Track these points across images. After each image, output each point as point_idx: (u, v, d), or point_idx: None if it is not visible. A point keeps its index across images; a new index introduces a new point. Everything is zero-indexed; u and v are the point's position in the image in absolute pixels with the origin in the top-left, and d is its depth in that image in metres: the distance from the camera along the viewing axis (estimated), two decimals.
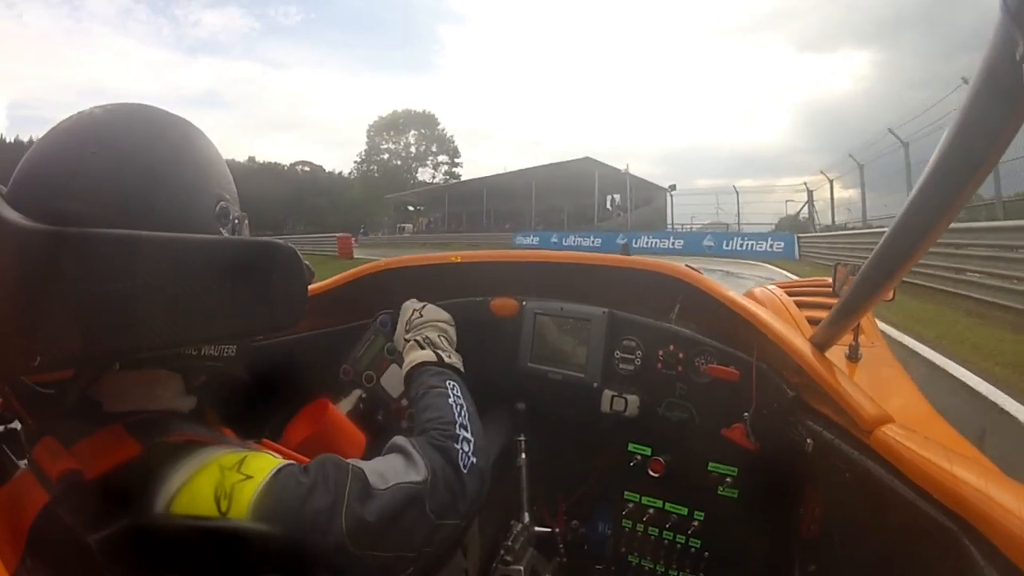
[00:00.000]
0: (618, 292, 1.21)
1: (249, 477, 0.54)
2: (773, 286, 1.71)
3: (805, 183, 23.48)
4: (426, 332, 1.02)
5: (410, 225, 45.07)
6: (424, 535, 0.61)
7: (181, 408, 0.62)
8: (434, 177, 57.45)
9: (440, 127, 59.15)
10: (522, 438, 1.20)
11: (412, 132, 58.62)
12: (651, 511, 1.18)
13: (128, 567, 0.49)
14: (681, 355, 1.11)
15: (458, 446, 0.72)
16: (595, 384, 1.15)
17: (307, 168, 62.02)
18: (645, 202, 30.53)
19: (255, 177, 53.22)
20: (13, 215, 0.50)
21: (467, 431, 0.75)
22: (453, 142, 59.15)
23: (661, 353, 1.13)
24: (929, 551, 0.56)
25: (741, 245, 20.36)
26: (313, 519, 0.54)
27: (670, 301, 1.18)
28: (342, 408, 1.10)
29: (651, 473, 1.14)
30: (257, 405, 0.94)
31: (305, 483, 0.56)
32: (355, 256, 20.92)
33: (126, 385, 0.58)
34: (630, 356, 1.15)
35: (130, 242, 0.49)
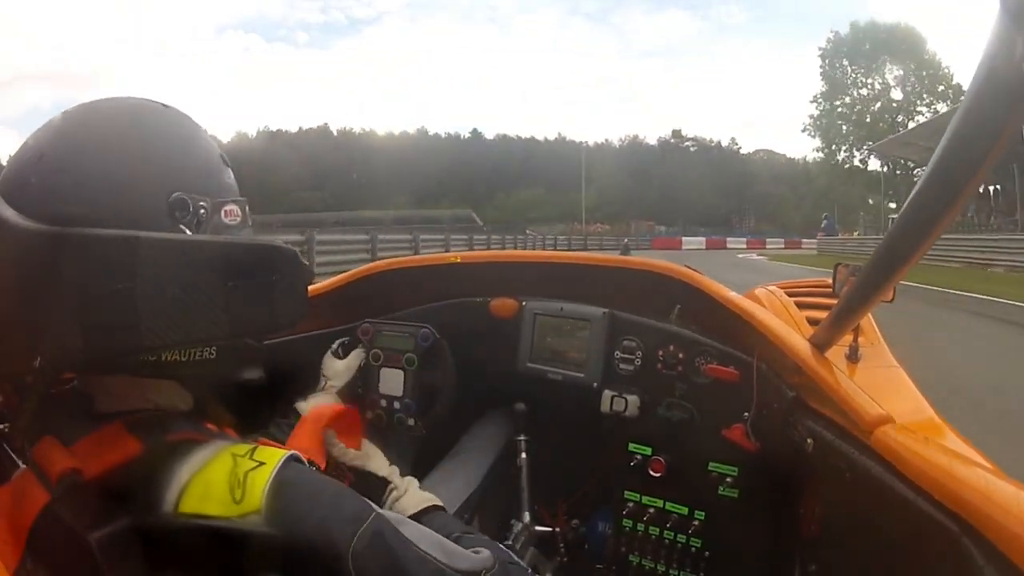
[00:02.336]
0: (618, 292, 1.21)
1: (261, 464, 0.53)
2: (773, 286, 1.71)
3: None
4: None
5: None
6: None
7: (180, 406, 0.62)
8: None
9: (928, 49, 32.11)
10: (522, 438, 1.20)
11: (888, 63, 33.03)
12: (651, 511, 1.18)
13: (131, 565, 0.49)
14: (681, 355, 1.11)
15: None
16: (595, 384, 1.15)
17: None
18: None
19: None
20: (12, 215, 0.50)
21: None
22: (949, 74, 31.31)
23: (661, 353, 1.13)
24: (929, 551, 0.56)
25: None
26: (321, 520, 0.53)
27: (670, 301, 1.18)
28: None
29: (651, 473, 1.14)
30: (256, 405, 0.94)
31: (323, 484, 0.56)
32: None
33: (123, 384, 0.58)
34: (630, 356, 1.15)
35: (130, 242, 0.49)
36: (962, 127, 0.43)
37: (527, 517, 1.12)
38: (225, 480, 0.52)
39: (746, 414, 1.01)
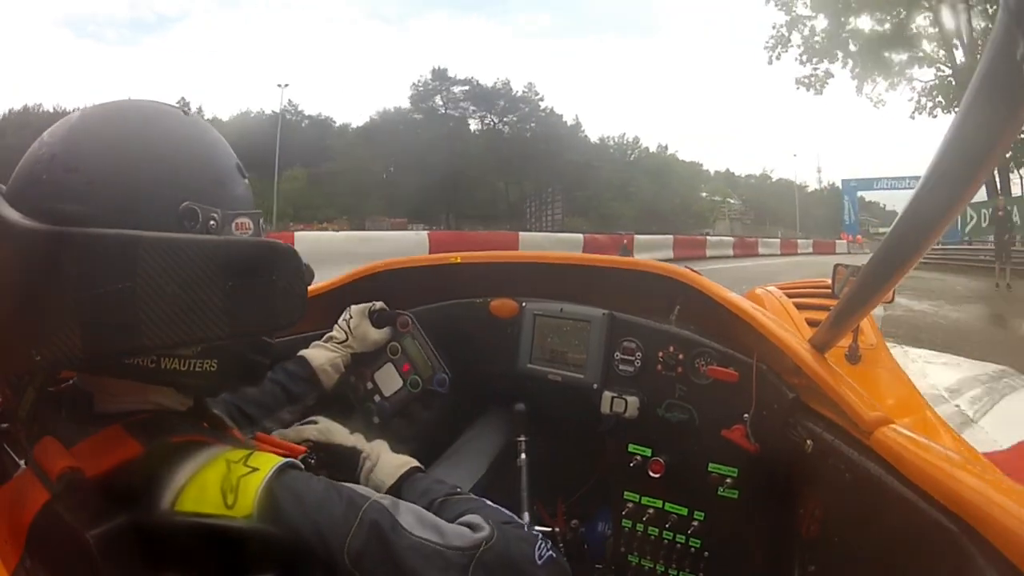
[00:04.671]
0: (618, 293, 1.21)
1: (255, 470, 0.54)
2: (773, 287, 1.71)
3: None
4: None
5: None
6: None
7: (178, 408, 0.62)
8: None
9: None
10: (522, 438, 1.20)
11: None
12: (651, 511, 1.18)
13: (128, 564, 0.49)
14: (681, 356, 1.11)
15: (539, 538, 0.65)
16: (595, 385, 1.15)
17: None
18: None
19: None
20: (13, 215, 0.50)
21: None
22: None
23: (661, 354, 1.13)
24: (929, 552, 0.56)
25: None
26: (315, 523, 0.53)
27: (670, 303, 1.18)
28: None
29: (651, 474, 1.14)
30: (290, 411, 0.95)
31: (315, 487, 0.56)
32: None
33: (123, 384, 0.58)
34: (630, 357, 1.15)
35: (130, 242, 0.49)
36: (962, 127, 0.43)
37: (526, 517, 1.11)
38: (218, 485, 0.52)
39: (746, 415, 1.01)
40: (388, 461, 0.82)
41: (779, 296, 1.52)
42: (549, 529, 1.21)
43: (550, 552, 0.64)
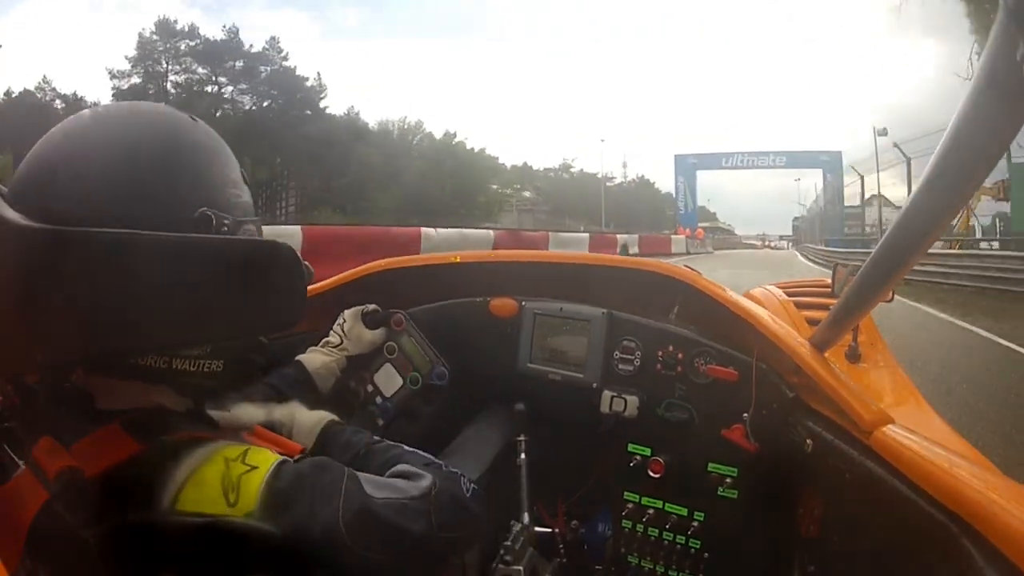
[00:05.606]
0: (617, 293, 1.21)
1: (254, 467, 0.54)
2: (772, 286, 1.71)
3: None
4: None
5: None
6: (420, 541, 0.62)
7: (177, 406, 0.62)
8: None
9: None
10: (522, 438, 1.20)
11: None
12: (651, 511, 1.18)
13: (128, 563, 0.49)
14: (680, 356, 1.11)
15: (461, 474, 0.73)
16: (594, 385, 1.15)
17: None
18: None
19: None
20: (14, 215, 0.50)
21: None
22: None
23: (660, 354, 1.13)
24: (929, 551, 0.56)
25: None
26: (315, 514, 0.54)
27: (669, 302, 1.18)
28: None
29: (651, 474, 1.14)
30: (263, 394, 0.94)
31: (305, 478, 0.56)
32: None
33: (123, 383, 0.58)
34: (629, 357, 1.15)
35: (130, 242, 0.49)
36: (962, 127, 0.43)
37: (526, 518, 1.11)
38: (218, 483, 0.52)
39: (745, 415, 1.01)
40: (302, 421, 0.83)
41: (779, 295, 1.52)
42: (549, 529, 1.21)
43: (473, 485, 0.73)
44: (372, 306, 1.20)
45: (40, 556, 0.50)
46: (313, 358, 1.08)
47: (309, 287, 0.62)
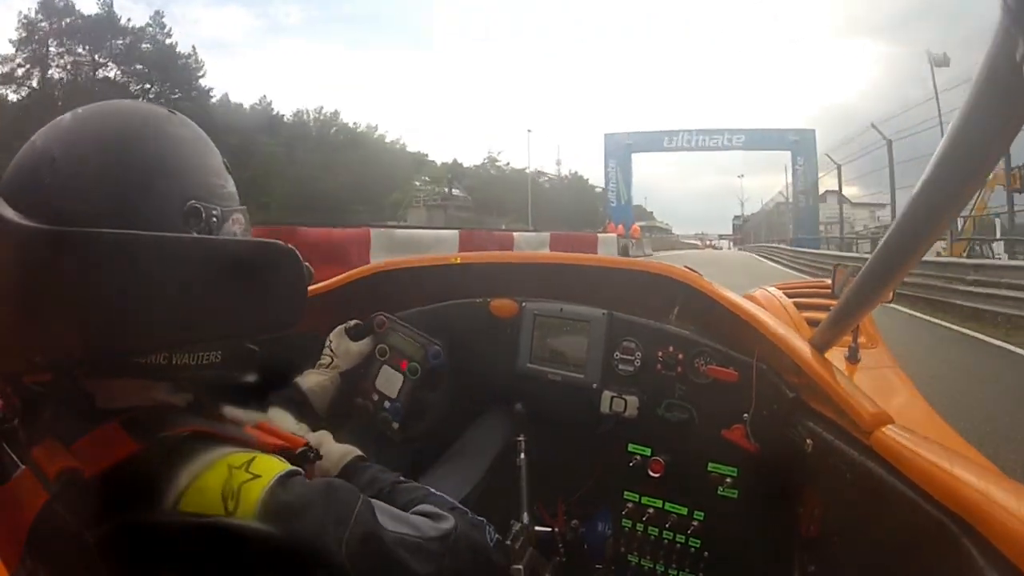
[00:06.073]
0: (618, 293, 1.21)
1: (257, 477, 0.54)
2: (772, 287, 1.71)
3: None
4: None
5: None
6: None
7: (177, 403, 0.62)
8: None
9: None
10: (521, 438, 1.20)
11: None
12: (651, 511, 1.18)
13: (129, 563, 0.49)
14: (681, 356, 1.11)
15: (486, 524, 0.73)
16: (594, 385, 1.15)
17: None
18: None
19: None
20: (13, 215, 0.50)
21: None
22: None
23: (660, 354, 1.13)
24: (929, 551, 0.56)
25: None
26: (316, 529, 0.54)
27: (669, 302, 1.18)
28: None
29: (651, 473, 1.14)
30: (254, 406, 0.93)
31: (315, 491, 0.56)
32: None
33: (123, 384, 0.58)
34: (630, 357, 1.15)
35: (130, 242, 0.49)
36: (963, 127, 0.43)
37: (526, 517, 1.11)
38: (218, 490, 0.52)
39: (746, 415, 1.01)
40: (331, 451, 0.84)
41: (779, 296, 1.52)
42: (549, 529, 1.21)
43: (496, 535, 0.73)
44: (354, 321, 1.18)
45: (40, 557, 0.50)
46: (306, 378, 1.07)
47: (309, 287, 0.62)
